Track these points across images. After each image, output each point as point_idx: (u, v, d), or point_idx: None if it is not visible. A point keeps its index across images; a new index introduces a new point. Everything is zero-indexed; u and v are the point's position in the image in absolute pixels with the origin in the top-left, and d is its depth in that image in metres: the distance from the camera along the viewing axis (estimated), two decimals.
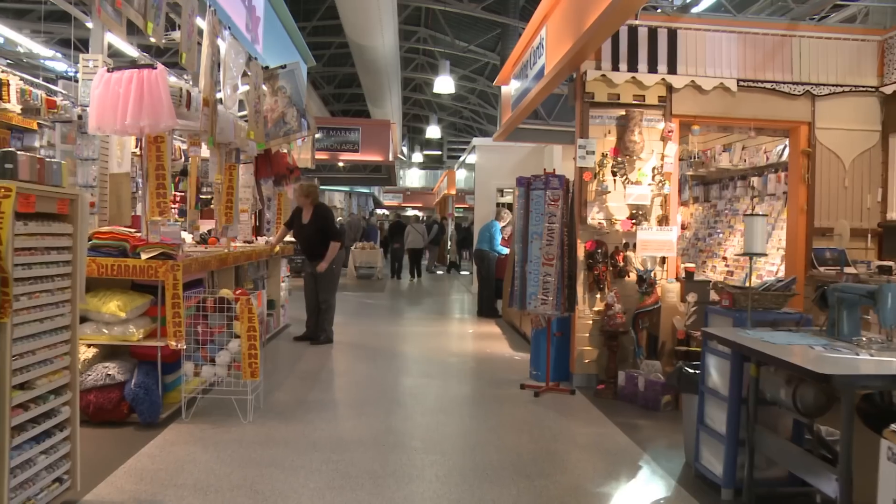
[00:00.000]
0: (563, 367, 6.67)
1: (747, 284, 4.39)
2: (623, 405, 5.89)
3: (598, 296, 6.48)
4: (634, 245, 6.47)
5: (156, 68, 4.52)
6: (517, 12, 18.34)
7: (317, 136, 16.94)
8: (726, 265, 8.83)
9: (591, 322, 6.48)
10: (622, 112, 6.44)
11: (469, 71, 29.74)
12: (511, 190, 16.16)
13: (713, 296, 6.59)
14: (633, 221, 6.33)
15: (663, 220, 6.45)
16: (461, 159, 23.68)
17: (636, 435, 5.03)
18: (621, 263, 6.43)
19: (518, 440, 4.83)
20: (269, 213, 9.16)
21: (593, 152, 6.36)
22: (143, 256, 4.82)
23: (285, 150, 8.65)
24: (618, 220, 6.37)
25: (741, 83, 6.50)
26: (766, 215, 4.05)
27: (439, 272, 23.08)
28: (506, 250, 11.35)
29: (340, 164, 18.15)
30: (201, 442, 4.60)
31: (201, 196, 8.44)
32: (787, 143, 7.70)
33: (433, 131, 27.98)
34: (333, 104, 33.48)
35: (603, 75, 6.38)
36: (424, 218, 38.63)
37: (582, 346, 6.49)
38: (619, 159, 6.36)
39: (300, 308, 10.83)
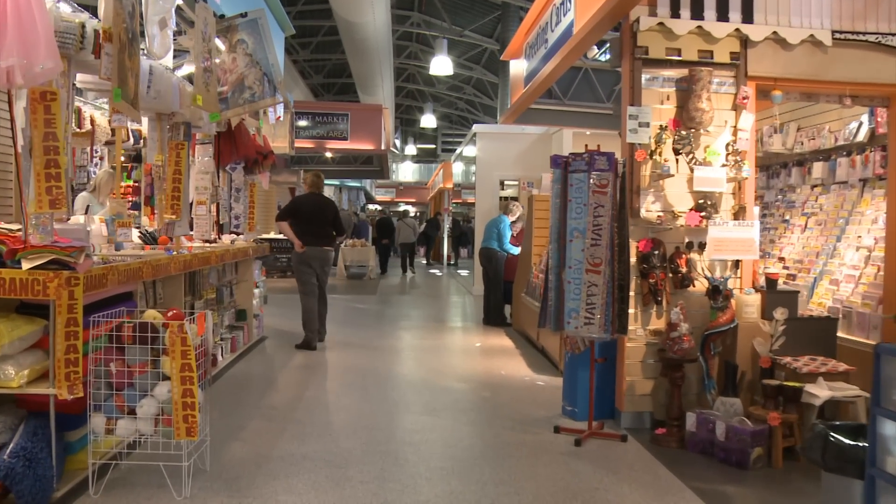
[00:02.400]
0: (607, 401, 5.20)
1: None
2: (695, 459, 4.42)
3: (654, 311, 5.01)
4: (700, 244, 5.01)
5: None
6: None
7: (302, 123, 15.45)
8: (784, 267, 7.38)
9: (644, 345, 5.01)
10: (685, 72, 4.97)
11: (465, 59, 28.23)
12: (514, 182, 14.70)
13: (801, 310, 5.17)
14: (703, 214, 4.86)
15: (740, 213, 4.99)
16: (458, 151, 22.20)
17: None
18: (684, 269, 4.96)
19: None
20: (238, 205, 7.64)
21: (648, 124, 4.88)
22: (25, 266, 3.31)
23: (254, 131, 7.13)
24: (682, 213, 4.90)
25: (836, 35, 5.03)
26: None
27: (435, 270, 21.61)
28: (516, 249, 9.88)
29: (328, 154, 16.60)
30: None
31: None
32: (862, 120, 6.28)
33: (428, 120, 26.48)
34: (323, 95, 31.96)
35: (660, 24, 4.89)
36: (417, 214, 37.29)
37: (633, 376, 5.02)
38: (683, 133, 4.89)
39: (277, 316, 9.39)
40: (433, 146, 42.97)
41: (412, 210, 39.67)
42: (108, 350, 3.57)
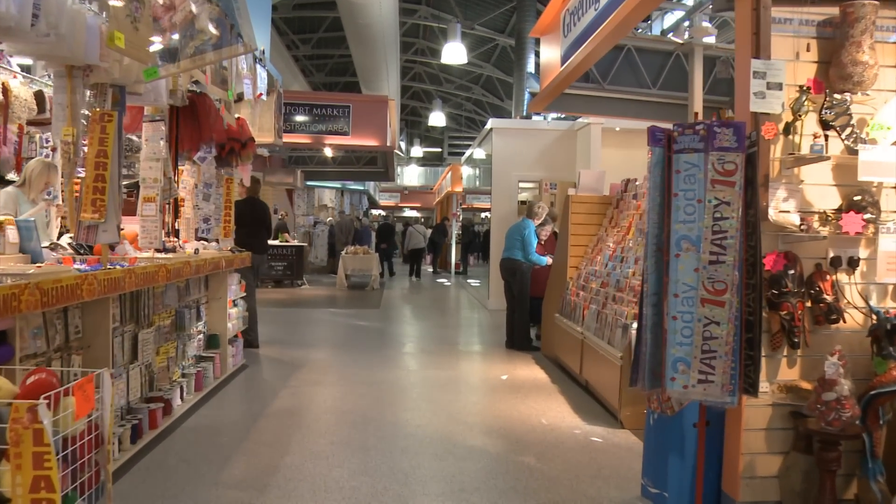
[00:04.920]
0: (709, 482, 3.64)
1: None
2: None
3: (784, 356, 3.46)
4: (850, 260, 3.46)
5: None
6: None
7: (299, 118, 13.95)
8: None
9: (770, 406, 3.45)
10: (833, 11, 3.43)
11: (474, 56, 26.71)
12: (532, 185, 13.10)
13: None
14: (866, 218, 3.31)
15: None
16: (468, 153, 20.62)
17: None
18: (829, 296, 3.41)
19: None
20: (207, 205, 6.11)
21: (780, 85, 3.34)
22: None
23: (221, 105, 5.59)
24: (833, 215, 3.35)
25: None
26: None
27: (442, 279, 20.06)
28: (544, 259, 8.33)
29: (328, 151, 15.05)
30: None
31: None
32: None
33: (436, 118, 24.95)
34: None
35: None
36: (423, 220, 35.72)
37: (752, 450, 3.46)
38: (837, 98, 3.34)
39: (263, 336, 7.87)
40: (439, 149, 41.52)
41: (419, 216, 38.22)
42: None
